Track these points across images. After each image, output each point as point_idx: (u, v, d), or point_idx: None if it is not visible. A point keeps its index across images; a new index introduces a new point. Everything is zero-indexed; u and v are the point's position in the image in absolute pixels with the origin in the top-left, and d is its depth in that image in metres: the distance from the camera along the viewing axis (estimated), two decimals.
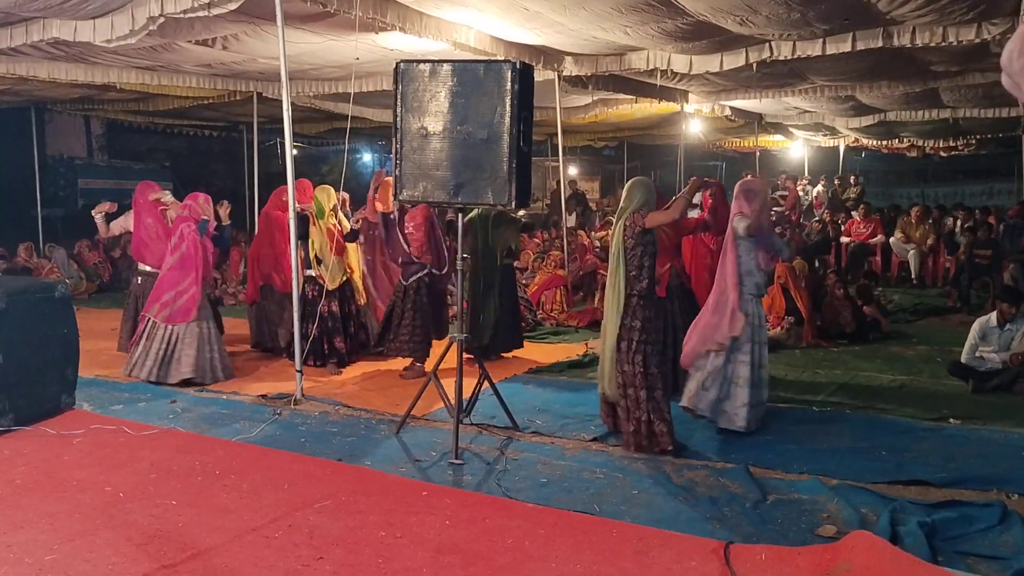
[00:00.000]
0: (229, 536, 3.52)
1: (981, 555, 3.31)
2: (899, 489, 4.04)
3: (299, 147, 17.49)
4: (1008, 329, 6.14)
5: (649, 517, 3.72)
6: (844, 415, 5.45)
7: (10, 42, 6.89)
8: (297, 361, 5.79)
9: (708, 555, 3.30)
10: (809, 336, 7.77)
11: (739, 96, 11.33)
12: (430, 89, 4.57)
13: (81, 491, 4.05)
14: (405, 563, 3.27)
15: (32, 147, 12.65)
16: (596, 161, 22.63)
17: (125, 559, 3.30)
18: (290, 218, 5.89)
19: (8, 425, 4.98)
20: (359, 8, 5.71)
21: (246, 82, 9.89)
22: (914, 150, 19.39)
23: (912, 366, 6.86)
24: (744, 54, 7.68)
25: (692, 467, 4.41)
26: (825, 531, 3.56)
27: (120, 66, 8.61)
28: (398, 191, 4.75)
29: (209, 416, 5.50)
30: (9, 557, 3.30)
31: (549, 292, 9.34)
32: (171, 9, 5.61)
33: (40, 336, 5.27)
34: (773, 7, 6.18)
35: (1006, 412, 5.41)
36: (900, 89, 10.09)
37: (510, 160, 4.47)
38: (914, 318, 9.20)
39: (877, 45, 6.96)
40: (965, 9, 6.19)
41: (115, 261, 12.34)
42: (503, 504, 3.90)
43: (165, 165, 18.18)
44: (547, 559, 3.29)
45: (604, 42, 7.58)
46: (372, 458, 4.60)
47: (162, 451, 4.69)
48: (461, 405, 4.80)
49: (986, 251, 10.07)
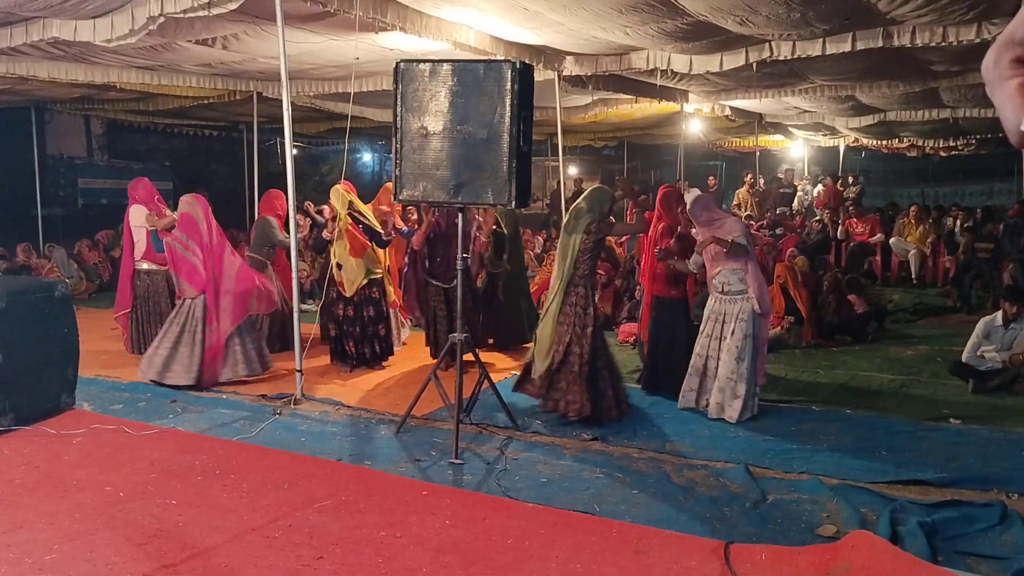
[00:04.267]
0: (229, 536, 3.52)
1: (981, 555, 3.31)
2: (899, 489, 4.04)
3: (299, 147, 17.49)
4: (1012, 328, 6.14)
5: (649, 517, 3.73)
6: (844, 415, 5.45)
7: (10, 42, 6.88)
8: (297, 361, 5.78)
9: (708, 555, 3.30)
10: (809, 336, 7.78)
11: (739, 96, 11.31)
12: (430, 89, 4.57)
13: (81, 491, 4.05)
14: (405, 563, 3.27)
15: (32, 147, 12.63)
16: (596, 161, 22.63)
17: (125, 559, 3.30)
18: (290, 218, 5.90)
19: (8, 425, 4.98)
20: (359, 8, 5.70)
21: (246, 82, 9.88)
22: (914, 150, 19.39)
23: (912, 366, 6.86)
24: (744, 54, 7.67)
25: (692, 467, 4.42)
26: (825, 531, 3.56)
27: (120, 66, 8.60)
28: (398, 191, 4.75)
29: (209, 416, 5.50)
30: (9, 557, 3.30)
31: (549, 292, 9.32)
32: (171, 9, 5.59)
33: (40, 336, 5.27)
34: (773, 7, 6.17)
35: (1006, 412, 5.42)
36: (900, 89, 10.08)
37: (510, 160, 4.47)
38: (914, 318, 9.20)
39: (877, 45, 6.95)
40: (965, 9, 6.19)
41: (115, 261, 12.33)
42: (503, 504, 3.90)
43: (165, 165, 18.16)
44: (547, 559, 3.29)
45: (604, 42, 7.57)
46: (372, 458, 4.60)
47: (162, 451, 4.69)
48: (461, 405, 4.80)
49: (988, 244, 10.07)
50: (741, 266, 5.34)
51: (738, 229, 5.40)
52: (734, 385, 5.27)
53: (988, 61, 1.09)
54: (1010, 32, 1.06)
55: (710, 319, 5.46)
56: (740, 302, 5.32)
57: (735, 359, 5.27)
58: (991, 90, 1.09)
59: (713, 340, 5.42)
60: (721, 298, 5.41)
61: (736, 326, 5.29)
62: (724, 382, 5.31)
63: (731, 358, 5.28)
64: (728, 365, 5.29)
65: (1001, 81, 1.07)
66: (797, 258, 9.00)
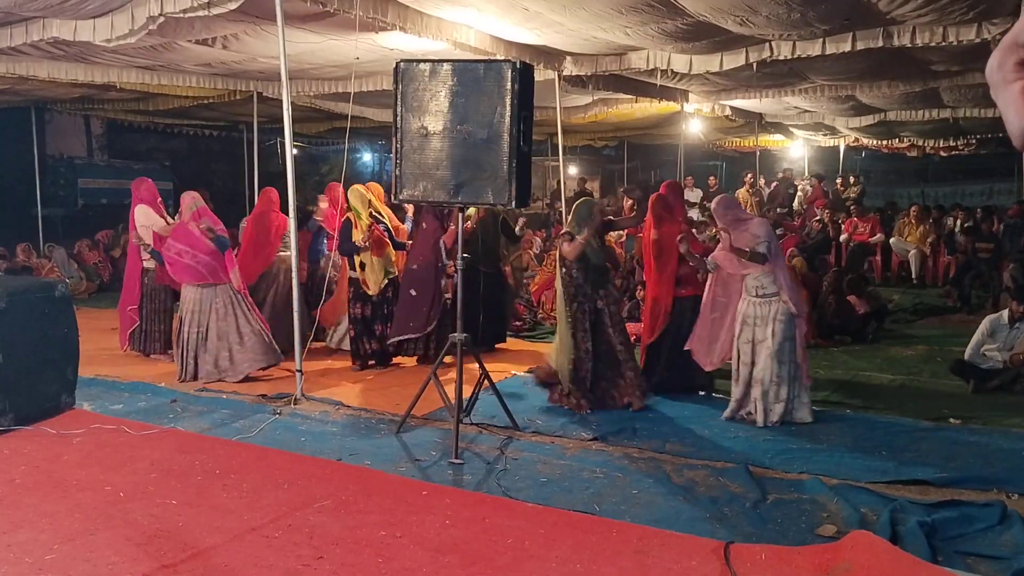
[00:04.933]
0: (229, 536, 3.52)
1: (981, 555, 3.30)
2: (899, 489, 4.04)
3: (299, 147, 17.48)
4: (1017, 328, 6.13)
5: (649, 517, 3.72)
6: (844, 415, 5.45)
7: (10, 42, 6.88)
8: (297, 361, 5.78)
9: (708, 555, 3.30)
10: (809, 336, 7.76)
11: (739, 96, 11.32)
12: (430, 89, 4.57)
13: (81, 491, 4.05)
14: (405, 563, 3.26)
15: (32, 147, 12.63)
16: (596, 161, 22.62)
17: (125, 559, 3.30)
18: (290, 219, 5.90)
19: (8, 425, 4.98)
20: (359, 8, 5.70)
21: (246, 82, 9.88)
22: (914, 150, 19.40)
23: (912, 366, 6.86)
24: (744, 54, 7.67)
25: (692, 467, 4.41)
26: (825, 531, 3.56)
27: (120, 66, 8.60)
28: (398, 191, 4.75)
29: (209, 416, 5.50)
30: (9, 557, 3.30)
31: (549, 292, 9.33)
32: (171, 9, 5.60)
33: (40, 336, 5.27)
34: (773, 7, 6.17)
35: (1006, 412, 5.42)
36: (900, 89, 10.08)
37: (510, 160, 4.47)
38: (914, 318, 9.20)
39: (877, 45, 6.95)
40: (965, 9, 6.19)
41: (115, 261, 12.34)
42: (503, 504, 3.90)
43: (165, 165, 18.16)
44: (547, 559, 3.29)
45: (604, 42, 7.57)
46: (372, 458, 4.59)
47: (162, 451, 4.68)
48: (461, 405, 4.80)
49: (988, 244, 10.07)
50: (769, 268, 5.20)
51: (763, 232, 5.25)
52: (777, 389, 5.14)
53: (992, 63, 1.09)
54: (1014, 35, 1.06)
55: (746, 323, 5.26)
56: (775, 304, 5.17)
57: (777, 362, 5.12)
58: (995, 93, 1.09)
59: (752, 344, 5.23)
60: (756, 301, 5.23)
61: (775, 328, 5.14)
62: (767, 386, 5.15)
63: (772, 361, 5.12)
64: (770, 369, 5.13)
65: (1005, 84, 1.07)
66: (795, 259, 9.00)
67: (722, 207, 5.51)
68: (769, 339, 5.16)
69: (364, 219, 6.63)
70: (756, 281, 5.24)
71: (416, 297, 6.78)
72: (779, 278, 5.22)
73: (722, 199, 5.74)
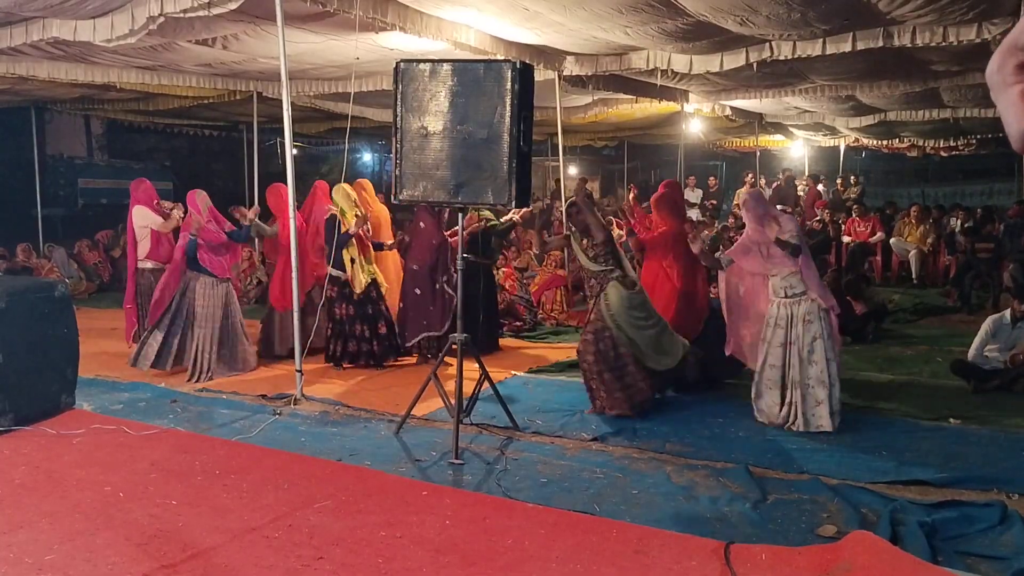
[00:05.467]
0: (229, 536, 3.52)
1: (981, 555, 3.30)
2: (899, 489, 4.04)
3: (299, 147, 17.49)
4: (1019, 327, 6.11)
5: (649, 517, 3.72)
6: (844, 415, 5.44)
7: (10, 42, 6.88)
8: (297, 361, 5.78)
9: (708, 555, 3.29)
10: None
11: (739, 96, 11.32)
12: (430, 89, 4.57)
13: (81, 491, 4.05)
14: (405, 563, 3.26)
15: (32, 147, 12.63)
16: (596, 161, 22.63)
17: (125, 559, 3.30)
18: (290, 219, 5.89)
19: (8, 425, 4.98)
20: (359, 8, 5.70)
21: (246, 82, 9.88)
22: (914, 150, 19.38)
23: (912, 366, 6.86)
24: (744, 54, 7.67)
25: (692, 467, 4.41)
26: (825, 531, 3.55)
27: (120, 66, 8.61)
28: (398, 191, 4.75)
29: (209, 416, 5.50)
30: (9, 557, 3.30)
31: (549, 292, 9.35)
32: (171, 9, 5.60)
33: (40, 336, 5.27)
34: (773, 7, 6.17)
35: (1006, 412, 5.41)
36: (900, 89, 10.08)
37: (510, 160, 4.46)
38: (914, 318, 9.19)
39: (877, 45, 6.95)
40: (965, 9, 6.19)
41: (115, 261, 12.34)
42: (503, 504, 3.90)
43: (165, 165, 18.17)
44: (547, 559, 3.29)
45: (604, 42, 7.57)
46: (372, 458, 4.59)
47: (162, 451, 4.69)
48: (461, 405, 4.80)
49: (988, 244, 10.06)
50: (794, 266, 5.12)
51: (794, 227, 5.19)
52: (814, 391, 5.06)
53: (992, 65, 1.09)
54: (1014, 37, 1.07)
55: (777, 326, 5.14)
56: (804, 303, 5.09)
57: (809, 363, 5.05)
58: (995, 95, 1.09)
59: (784, 348, 5.14)
60: (785, 302, 5.14)
61: (804, 328, 5.06)
62: (804, 390, 5.07)
63: (804, 363, 5.05)
64: (803, 371, 5.06)
65: (1005, 87, 1.07)
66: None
67: (752, 201, 5.42)
68: (799, 340, 5.07)
69: (350, 217, 6.66)
70: (784, 282, 5.15)
71: (422, 296, 6.79)
72: (806, 276, 5.13)
73: (753, 193, 5.70)
